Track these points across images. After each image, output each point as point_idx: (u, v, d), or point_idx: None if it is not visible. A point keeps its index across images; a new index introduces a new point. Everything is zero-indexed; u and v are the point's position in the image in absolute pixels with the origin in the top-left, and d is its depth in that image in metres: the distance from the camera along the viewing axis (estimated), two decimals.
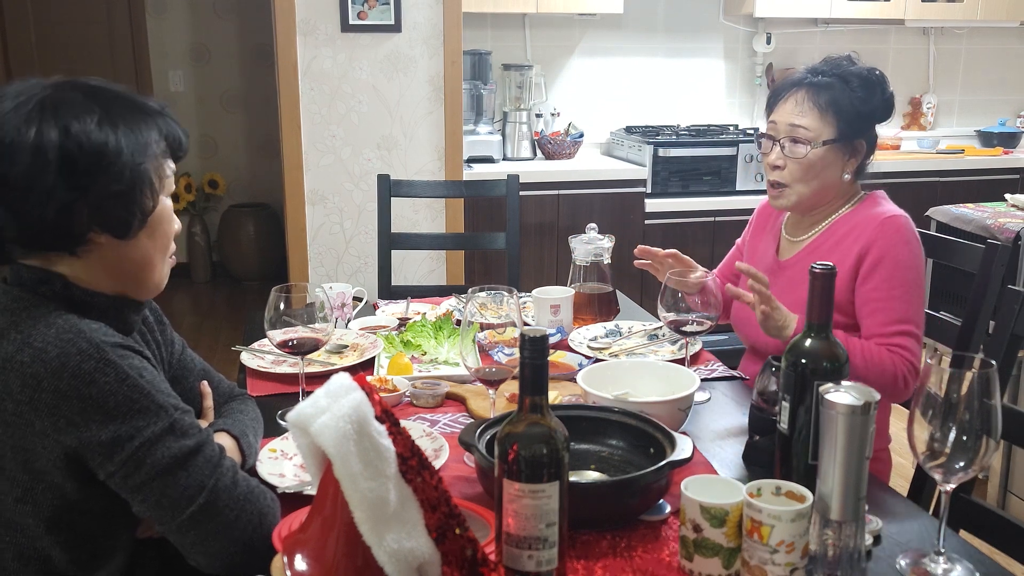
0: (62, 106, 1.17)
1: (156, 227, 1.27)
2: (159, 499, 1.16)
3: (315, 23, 3.51)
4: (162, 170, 1.25)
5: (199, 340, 4.81)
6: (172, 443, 1.16)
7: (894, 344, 1.73)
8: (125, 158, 1.18)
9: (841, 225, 1.87)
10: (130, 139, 1.19)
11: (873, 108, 1.84)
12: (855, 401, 1.08)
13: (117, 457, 1.14)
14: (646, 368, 1.71)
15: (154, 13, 5.80)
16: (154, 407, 1.16)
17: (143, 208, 1.22)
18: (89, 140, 1.16)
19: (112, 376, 1.13)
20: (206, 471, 1.17)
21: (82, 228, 1.19)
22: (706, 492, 1.16)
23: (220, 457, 1.21)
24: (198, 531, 1.17)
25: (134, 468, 1.14)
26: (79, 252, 1.21)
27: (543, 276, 3.88)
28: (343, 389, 1.03)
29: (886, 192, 1.98)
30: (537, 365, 1.06)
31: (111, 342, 1.16)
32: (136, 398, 1.14)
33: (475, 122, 4.10)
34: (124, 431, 1.13)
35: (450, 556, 0.99)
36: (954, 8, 4.45)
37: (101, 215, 1.19)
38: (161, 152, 1.24)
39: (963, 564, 1.21)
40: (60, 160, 1.14)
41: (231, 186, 6.05)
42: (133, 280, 1.28)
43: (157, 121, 1.24)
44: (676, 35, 4.54)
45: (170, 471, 1.15)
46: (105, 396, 1.13)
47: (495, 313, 1.55)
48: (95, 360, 1.13)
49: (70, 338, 1.14)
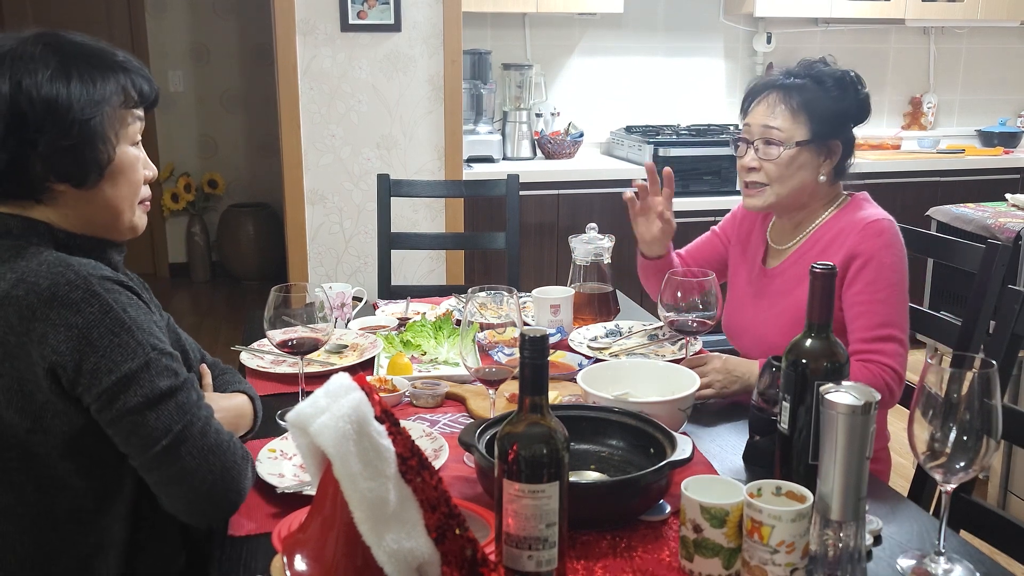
0: (19, 60, 1.21)
1: (118, 175, 1.30)
2: (127, 436, 1.19)
3: (315, 23, 3.51)
4: (121, 121, 1.28)
5: (199, 340, 4.74)
6: (145, 383, 1.19)
7: (875, 351, 1.71)
8: (75, 113, 1.21)
9: (826, 231, 1.87)
10: (80, 92, 1.22)
11: (847, 108, 1.84)
12: (855, 401, 1.08)
13: (95, 389, 1.18)
14: (646, 368, 1.71)
15: (154, 13, 5.80)
16: (133, 343, 1.19)
17: (98, 160, 1.26)
18: (39, 94, 1.20)
19: (96, 307, 1.18)
20: (175, 415, 1.20)
21: (38, 178, 1.24)
22: (706, 492, 1.16)
23: (194, 406, 1.23)
24: (159, 472, 1.20)
25: (107, 402, 1.18)
26: (44, 200, 1.26)
27: (543, 276, 3.88)
28: (343, 389, 1.03)
29: (887, 191, 1.98)
30: (537, 365, 1.06)
31: (99, 275, 1.21)
32: (117, 331, 1.18)
33: (475, 122, 4.10)
34: (103, 364, 1.17)
35: (450, 556, 0.99)
36: (954, 8, 4.45)
37: (54, 166, 1.23)
38: (120, 104, 1.27)
39: (963, 564, 1.21)
40: (9, 113, 1.20)
41: (231, 186, 6.05)
42: (103, 226, 1.32)
43: (118, 74, 1.27)
44: (676, 35, 4.54)
45: (139, 410, 1.18)
46: (89, 326, 1.17)
47: (495, 313, 1.55)
48: (82, 290, 1.18)
49: (60, 270, 1.19)
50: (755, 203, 1.89)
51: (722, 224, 2.16)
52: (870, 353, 1.71)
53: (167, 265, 6.11)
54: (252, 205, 5.92)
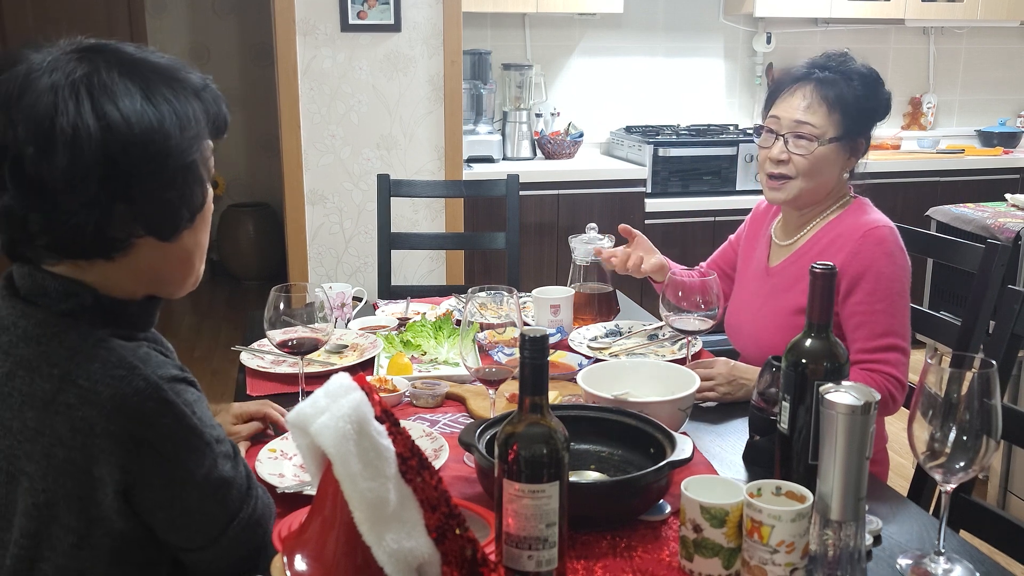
0: (95, 87, 0.99)
1: (201, 222, 1.13)
2: (187, 527, 1.10)
3: (315, 23, 3.51)
4: (208, 157, 1.11)
5: (198, 340, 4.81)
6: (212, 471, 1.08)
7: (877, 360, 1.71)
8: (174, 154, 1.03)
9: (826, 233, 1.86)
10: (175, 128, 1.02)
11: (876, 106, 1.83)
12: (855, 401, 1.08)
13: (162, 497, 1.06)
14: (646, 368, 1.70)
15: (153, 13, 5.80)
16: (202, 445, 1.06)
17: (192, 207, 1.09)
18: (131, 132, 0.99)
19: (171, 418, 1.03)
20: (236, 503, 1.12)
21: (121, 234, 1.04)
22: (706, 492, 1.16)
23: (249, 486, 1.15)
24: (215, 551, 1.13)
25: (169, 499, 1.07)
26: (114, 257, 1.05)
27: (543, 276, 3.88)
28: (343, 389, 1.03)
29: (887, 192, 1.98)
30: (537, 365, 1.06)
31: (168, 376, 1.04)
32: (191, 440, 1.05)
33: (475, 122, 4.10)
34: (178, 475, 1.05)
35: (450, 556, 0.99)
36: (954, 8, 4.45)
37: (146, 219, 1.05)
38: (207, 136, 1.10)
39: (963, 564, 1.21)
40: (104, 160, 0.98)
41: (231, 186, 6.05)
42: (170, 281, 1.14)
43: (201, 100, 1.08)
44: (676, 35, 4.54)
45: (204, 500, 1.09)
46: (163, 439, 1.02)
47: (495, 313, 1.55)
48: (154, 401, 1.01)
49: (122, 375, 1.01)
50: (779, 196, 1.87)
51: (736, 233, 2.15)
52: (872, 363, 1.71)
53: None
54: (252, 205, 5.92)
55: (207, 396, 1.13)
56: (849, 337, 1.75)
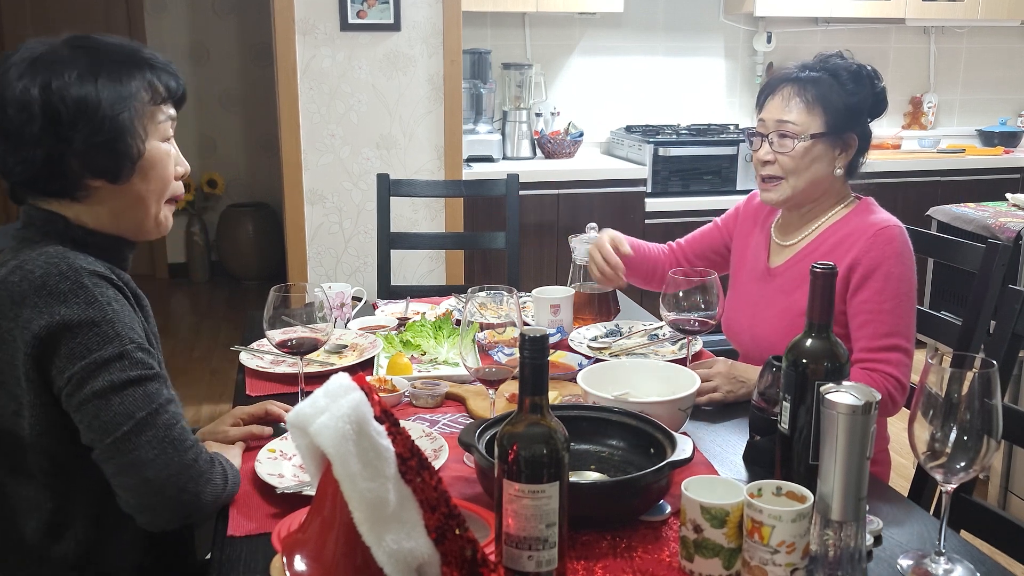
0: (49, 63, 1.27)
1: (149, 170, 1.35)
2: (91, 421, 1.21)
3: (314, 22, 3.51)
4: (151, 117, 1.34)
5: (198, 340, 4.81)
6: (115, 370, 1.22)
7: (879, 360, 1.71)
8: (104, 109, 1.27)
9: (833, 233, 1.86)
10: (110, 91, 1.28)
11: (862, 101, 1.83)
12: (855, 401, 1.08)
13: (66, 372, 1.21)
14: (646, 368, 1.70)
15: (153, 13, 5.79)
16: (112, 334, 1.23)
17: (129, 154, 1.31)
18: (69, 93, 1.26)
19: (82, 298, 1.23)
20: (140, 403, 1.22)
21: (75, 175, 1.30)
22: (706, 492, 1.16)
23: (164, 399, 1.25)
24: (115, 461, 1.21)
25: (76, 386, 1.21)
26: (79, 197, 1.32)
27: (543, 276, 3.88)
28: (342, 389, 1.03)
29: (887, 191, 1.98)
30: (537, 365, 1.06)
31: (90, 269, 1.26)
32: (98, 322, 1.23)
33: (475, 121, 4.10)
34: (78, 350, 1.21)
35: (450, 556, 0.99)
36: (955, 7, 4.44)
37: (89, 163, 1.29)
38: (148, 100, 1.33)
39: (964, 564, 1.21)
40: (42, 114, 1.25)
41: (230, 185, 6.04)
42: (132, 221, 1.38)
43: (144, 71, 1.33)
44: (676, 34, 4.54)
45: (103, 394, 1.21)
46: (72, 315, 1.22)
47: (495, 313, 1.54)
48: (70, 281, 1.23)
49: (55, 261, 1.25)
50: (772, 197, 1.88)
51: (724, 218, 2.15)
52: (874, 362, 1.71)
53: (166, 265, 6.10)
54: (251, 205, 5.92)
55: (207, 396, 1.16)
56: (853, 335, 1.75)
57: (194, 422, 3.62)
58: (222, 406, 3.84)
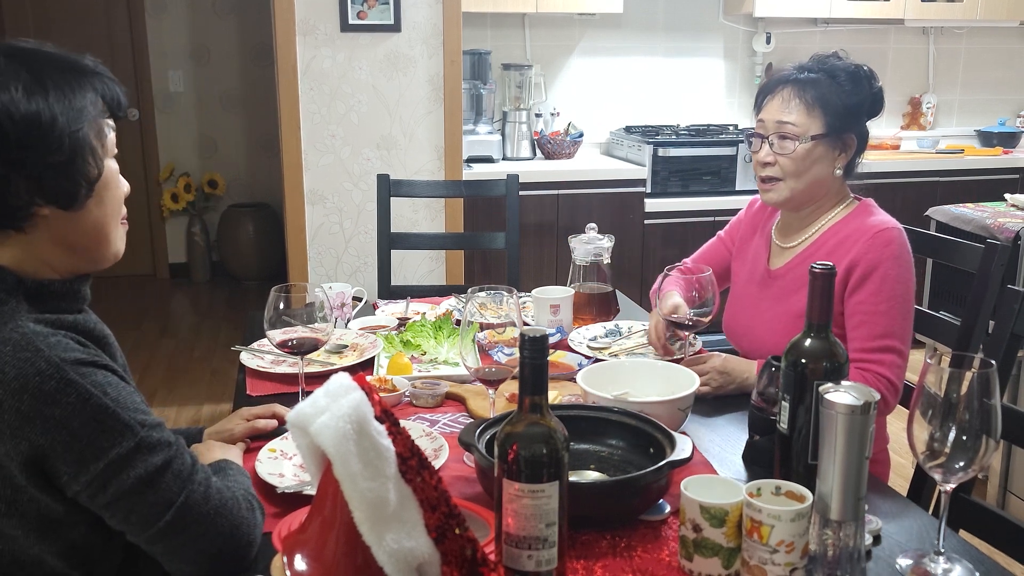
0: None
1: (104, 193, 1.21)
2: (126, 516, 1.13)
3: (314, 23, 3.51)
4: (100, 132, 1.19)
5: (198, 340, 4.81)
6: (139, 463, 1.12)
7: (873, 361, 1.71)
8: (60, 126, 1.12)
9: (833, 234, 1.86)
10: (63, 104, 1.13)
11: (861, 101, 1.83)
12: (855, 401, 1.08)
13: (83, 478, 1.10)
14: (646, 368, 1.71)
15: (153, 13, 5.80)
16: (120, 426, 1.11)
17: (87, 176, 1.17)
18: (18, 110, 1.10)
19: (74, 396, 1.09)
20: (174, 488, 1.14)
21: (22, 201, 1.13)
22: (706, 492, 1.16)
23: (191, 471, 1.16)
24: (166, 544, 1.15)
25: (99, 489, 1.11)
26: (25, 228, 1.16)
27: (543, 276, 3.88)
28: (342, 389, 1.03)
29: (886, 192, 1.98)
30: (537, 365, 1.06)
31: (71, 359, 1.11)
32: (101, 418, 1.10)
33: (475, 122, 4.10)
34: (89, 452, 1.09)
35: (450, 556, 0.99)
36: (954, 8, 4.45)
37: (42, 187, 1.14)
38: (99, 113, 1.19)
39: (963, 564, 1.21)
40: None
41: (230, 186, 6.05)
42: (86, 252, 1.22)
43: (93, 81, 1.18)
44: (676, 35, 4.54)
45: (136, 491, 1.12)
46: (69, 417, 1.08)
47: (495, 313, 1.55)
48: (55, 380, 1.08)
49: (27, 356, 1.09)
50: (772, 197, 1.88)
51: (727, 229, 2.15)
52: (867, 362, 1.71)
53: (167, 265, 6.11)
54: (252, 205, 5.92)
55: (207, 396, 1.14)
56: (849, 335, 1.75)
57: (194, 422, 3.65)
58: (223, 406, 3.85)
